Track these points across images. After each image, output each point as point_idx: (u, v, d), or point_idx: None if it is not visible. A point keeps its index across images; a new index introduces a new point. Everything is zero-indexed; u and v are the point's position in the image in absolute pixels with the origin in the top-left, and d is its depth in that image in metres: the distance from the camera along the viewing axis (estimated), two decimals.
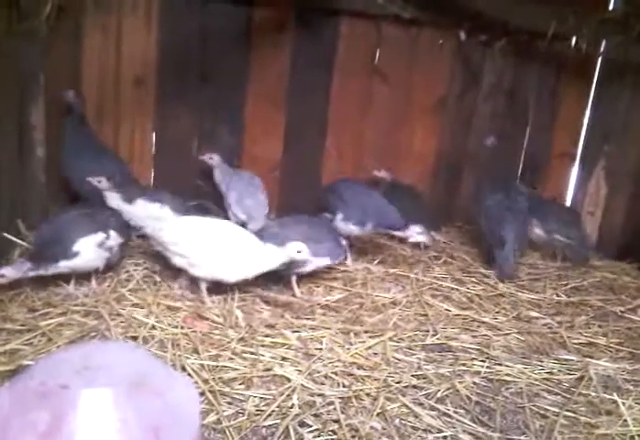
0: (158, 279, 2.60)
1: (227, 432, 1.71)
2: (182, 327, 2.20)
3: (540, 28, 3.40)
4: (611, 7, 3.52)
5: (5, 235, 2.67)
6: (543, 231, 3.27)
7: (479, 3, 3.40)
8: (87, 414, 1.11)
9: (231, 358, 2.05)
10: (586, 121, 3.77)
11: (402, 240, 3.13)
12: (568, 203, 3.86)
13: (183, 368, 1.95)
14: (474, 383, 2.10)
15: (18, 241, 2.72)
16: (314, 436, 1.74)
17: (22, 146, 2.95)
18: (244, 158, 3.54)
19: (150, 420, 1.17)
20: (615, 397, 2.06)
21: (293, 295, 2.58)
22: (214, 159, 3.21)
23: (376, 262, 3.07)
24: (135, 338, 2.09)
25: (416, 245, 3.23)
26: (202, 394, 1.84)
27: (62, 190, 3.21)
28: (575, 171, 3.83)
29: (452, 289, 2.85)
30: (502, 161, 3.67)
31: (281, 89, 3.51)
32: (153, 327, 2.17)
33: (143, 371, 1.23)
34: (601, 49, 3.60)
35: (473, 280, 2.99)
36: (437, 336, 2.37)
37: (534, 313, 2.69)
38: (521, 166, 3.83)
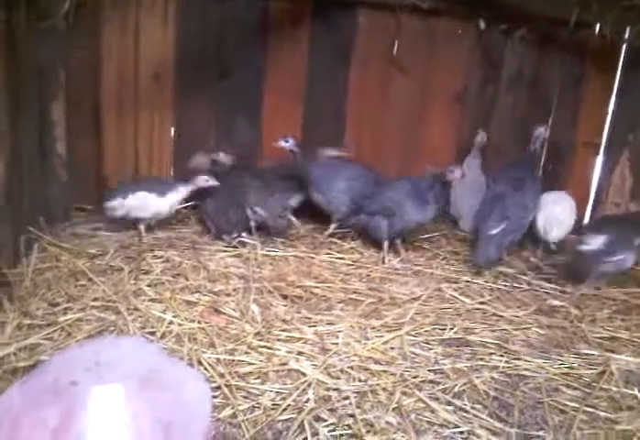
0: (177, 272, 2.62)
1: (243, 426, 1.73)
2: (198, 322, 2.22)
3: (562, 16, 3.33)
4: None
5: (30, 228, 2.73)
6: None
7: None
8: (97, 411, 1.12)
9: (247, 353, 2.06)
10: (610, 110, 3.68)
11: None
12: (592, 194, 3.78)
13: (200, 363, 1.96)
14: (492, 378, 2.08)
15: (40, 235, 2.77)
16: (330, 431, 1.74)
17: (43, 142, 2.99)
18: (262, 151, 3.54)
19: (161, 414, 1.18)
20: (636, 392, 2.03)
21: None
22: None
23: (395, 256, 3.05)
24: (152, 333, 2.11)
25: None
26: (218, 388, 1.86)
27: (83, 186, 3.27)
28: (599, 162, 3.75)
29: (471, 282, 2.83)
30: (523, 152, 3.61)
31: (298, 82, 3.50)
32: (170, 322, 2.19)
33: (155, 366, 1.24)
34: (626, 36, 3.50)
35: (494, 273, 2.95)
36: (455, 331, 2.35)
37: (554, 307, 2.65)
38: (544, 157, 3.77)
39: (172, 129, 3.44)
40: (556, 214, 3.13)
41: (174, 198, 2.98)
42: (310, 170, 3.18)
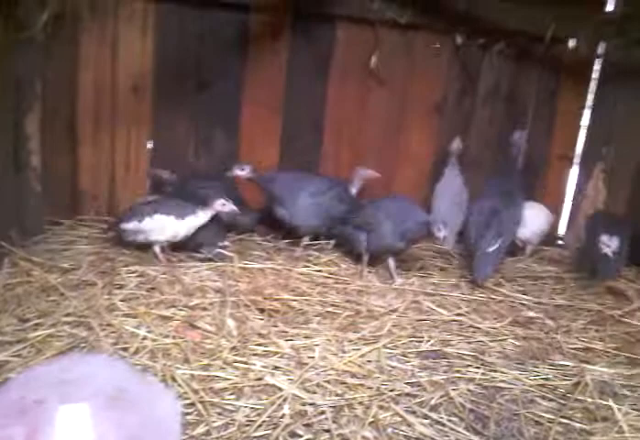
0: (151, 286, 2.60)
1: None
2: (173, 337, 2.19)
3: (538, 31, 3.39)
4: (609, 9, 3.50)
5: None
6: None
7: (475, 6, 3.39)
8: (64, 429, 1.10)
9: (222, 368, 2.03)
10: (585, 124, 3.75)
11: None
12: (568, 206, 3.83)
13: (173, 379, 1.93)
14: (468, 390, 2.07)
15: (12, 249, 2.72)
16: None
17: (17, 155, 2.95)
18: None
19: (129, 433, 1.16)
20: (611, 403, 2.02)
21: None
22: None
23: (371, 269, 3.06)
24: (125, 349, 2.08)
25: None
26: (192, 405, 1.83)
27: (58, 199, 3.24)
28: (574, 174, 3.81)
29: (448, 295, 2.84)
30: (500, 165, 3.65)
31: (277, 94, 3.51)
32: (144, 338, 2.16)
33: (123, 384, 1.22)
34: (600, 51, 3.57)
35: (470, 285, 2.97)
36: (432, 343, 2.36)
37: (530, 318, 2.67)
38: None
39: (150, 142, 3.43)
40: (527, 219, 3.34)
41: (193, 222, 2.90)
42: (272, 186, 3.13)
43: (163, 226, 2.84)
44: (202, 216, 2.90)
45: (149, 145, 3.42)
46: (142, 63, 3.30)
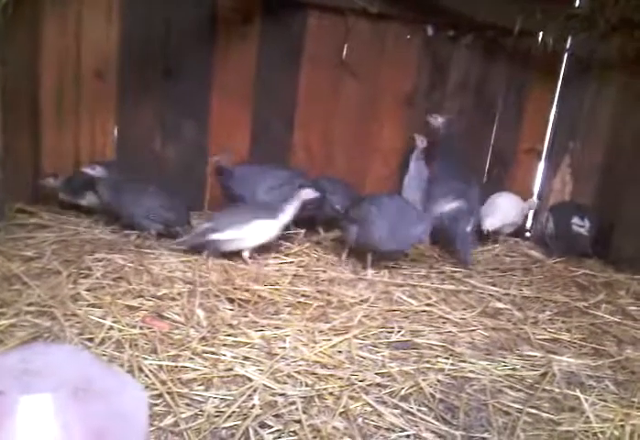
0: (118, 275, 2.54)
1: (185, 434, 1.66)
2: (140, 327, 2.14)
3: (507, 24, 3.42)
4: (577, 4, 3.54)
5: None
6: None
7: None
8: (26, 421, 1.05)
9: (191, 359, 1.99)
10: (552, 117, 3.79)
11: None
12: (534, 199, 3.88)
13: (140, 370, 1.89)
14: (438, 380, 2.07)
15: None
16: (275, 437, 1.70)
17: None
18: (210, 153, 3.48)
19: (94, 424, 1.11)
20: (578, 393, 2.05)
21: None
22: None
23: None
24: (91, 339, 2.02)
25: None
26: (159, 396, 1.79)
27: (20, 186, 3.14)
28: (541, 168, 3.86)
29: (418, 285, 2.84)
30: (468, 157, 3.67)
31: (247, 82, 3.47)
32: (110, 328, 2.11)
33: (87, 375, 1.17)
34: (568, 45, 3.62)
35: (440, 276, 2.99)
36: (402, 333, 2.35)
37: (498, 309, 2.69)
38: (488, 162, 3.85)
39: (116, 129, 3.34)
40: (497, 204, 3.50)
41: (284, 220, 2.88)
42: (230, 183, 3.13)
43: (261, 231, 2.81)
44: (289, 211, 2.87)
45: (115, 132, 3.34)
46: (107, 47, 3.24)
